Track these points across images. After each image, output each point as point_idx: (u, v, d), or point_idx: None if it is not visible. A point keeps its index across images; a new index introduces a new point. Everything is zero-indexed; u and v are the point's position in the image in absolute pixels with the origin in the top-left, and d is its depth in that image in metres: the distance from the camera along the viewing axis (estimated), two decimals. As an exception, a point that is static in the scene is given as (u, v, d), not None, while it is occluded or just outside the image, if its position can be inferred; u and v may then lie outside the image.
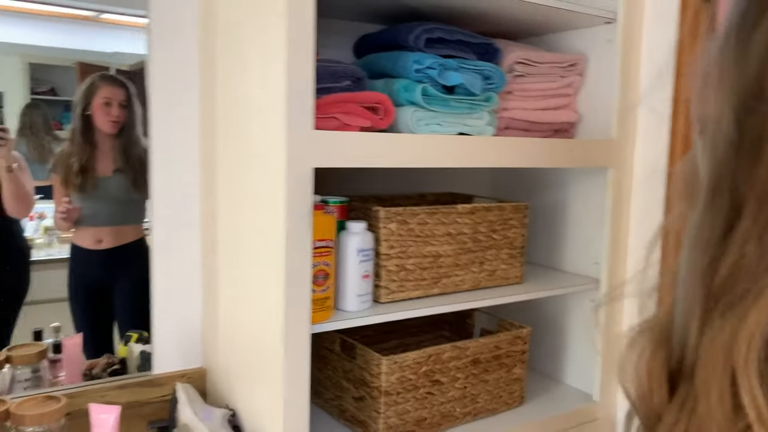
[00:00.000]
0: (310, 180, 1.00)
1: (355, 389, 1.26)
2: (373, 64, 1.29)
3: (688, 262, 0.37)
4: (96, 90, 1.34)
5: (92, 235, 1.39)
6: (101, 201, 1.39)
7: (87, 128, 1.34)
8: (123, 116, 1.36)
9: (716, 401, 0.33)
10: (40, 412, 1.04)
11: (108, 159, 1.37)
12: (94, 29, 1.31)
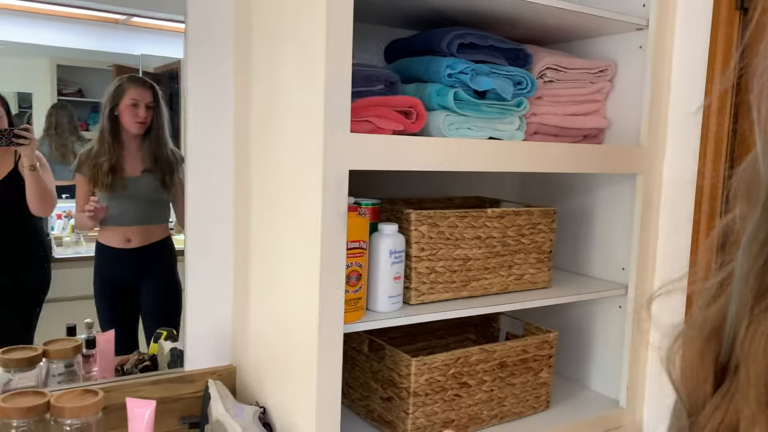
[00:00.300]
0: (346, 182, 1.02)
1: (383, 390, 1.27)
2: (405, 68, 1.31)
3: (744, 262, 0.38)
4: (124, 91, 1.37)
5: (121, 234, 1.41)
6: (129, 201, 1.41)
7: (115, 129, 1.37)
8: (150, 117, 1.39)
9: (753, 388, 0.35)
10: (80, 405, 1.07)
11: (136, 159, 1.39)
12: (123, 32, 1.34)
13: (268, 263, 1.24)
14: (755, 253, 0.37)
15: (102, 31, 1.32)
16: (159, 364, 1.43)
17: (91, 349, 1.40)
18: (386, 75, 1.18)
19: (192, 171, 1.35)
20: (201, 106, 1.34)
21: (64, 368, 1.37)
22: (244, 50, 1.31)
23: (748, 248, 0.38)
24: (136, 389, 1.29)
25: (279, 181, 1.17)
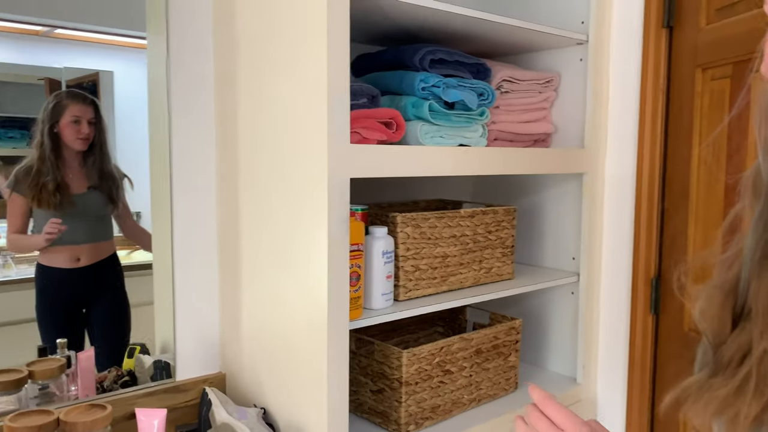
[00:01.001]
0: (347, 189, 1.10)
1: (373, 383, 1.36)
2: (377, 81, 1.40)
3: (752, 238, 0.52)
4: (64, 108, 1.34)
5: (69, 253, 1.38)
6: (77, 219, 1.38)
7: (56, 146, 1.34)
8: (92, 133, 1.37)
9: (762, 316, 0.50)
10: (92, 419, 1.08)
11: (80, 176, 1.37)
12: (45, 45, 1.30)
13: (263, 272, 1.29)
14: (761, 231, 0.52)
15: (23, 44, 1.28)
16: (139, 378, 1.43)
17: (68, 368, 1.39)
18: (368, 89, 1.27)
19: (177, 187, 1.38)
20: (184, 124, 1.38)
21: (38, 390, 1.35)
22: (228, 70, 1.36)
23: (756, 229, 0.52)
24: (132, 402, 1.30)
25: (273, 193, 1.23)
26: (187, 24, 1.37)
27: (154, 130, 1.39)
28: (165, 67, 1.36)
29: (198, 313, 1.42)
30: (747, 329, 0.51)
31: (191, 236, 1.40)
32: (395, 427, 1.31)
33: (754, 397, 0.48)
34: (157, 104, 1.39)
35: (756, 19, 1.26)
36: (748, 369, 0.50)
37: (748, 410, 0.48)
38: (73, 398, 1.36)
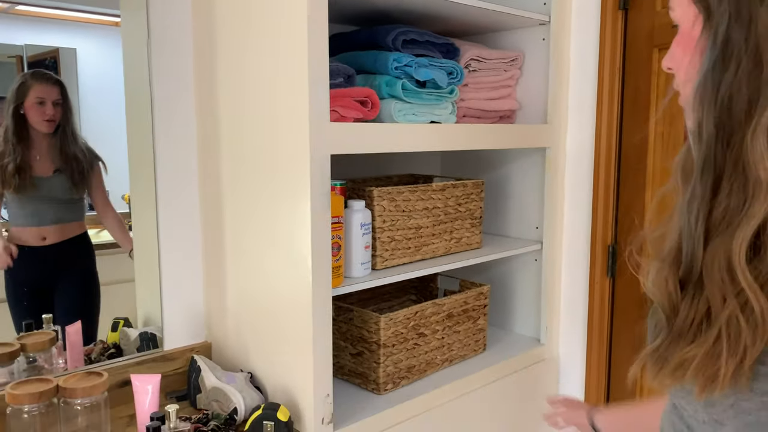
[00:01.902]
0: (328, 165, 1.18)
1: (353, 347, 1.45)
2: (351, 61, 1.46)
3: (689, 213, 0.61)
4: (28, 88, 1.31)
5: (35, 234, 1.38)
6: (43, 201, 1.37)
7: (21, 128, 1.32)
8: (58, 115, 1.35)
9: (720, 283, 0.57)
10: (91, 385, 1.14)
11: (46, 159, 1.35)
12: (5, 21, 1.28)
13: (247, 244, 1.36)
14: (696, 209, 0.60)
15: None
16: (125, 350, 1.49)
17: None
18: (345, 69, 1.33)
19: (161, 163, 1.42)
20: (166, 101, 1.42)
21: (27, 364, 1.40)
22: (208, 50, 1.40)
23: (690, 207, 0.61)
24: (123, 371, 1.36)
25: (257, 168, 1.30)
26: (167, 2, 1.40)
27: (132, 107, 1.40)
28: (145, 46, 1.39)
29: (183, 284, 1.48)
30: (700, 296, 0.58)
31: (175, 210, 1.45)
32: (374, 387, 1.41)
33: (729, 356, 0.54)
34: (135, 82, 1.40)
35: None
36: (717, 332, 0.55)
37: (726, 369, 0.54)
38: (62, 370, 1.41)
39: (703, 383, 0.56)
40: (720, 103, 0.56)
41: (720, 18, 0.57)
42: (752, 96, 0.55)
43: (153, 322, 1.49)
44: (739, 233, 0.55)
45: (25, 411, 1.12)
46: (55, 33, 1.34)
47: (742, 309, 0.54)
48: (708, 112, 0.58)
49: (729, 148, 0.56)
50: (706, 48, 0.59)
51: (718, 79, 0.57)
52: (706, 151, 0.58)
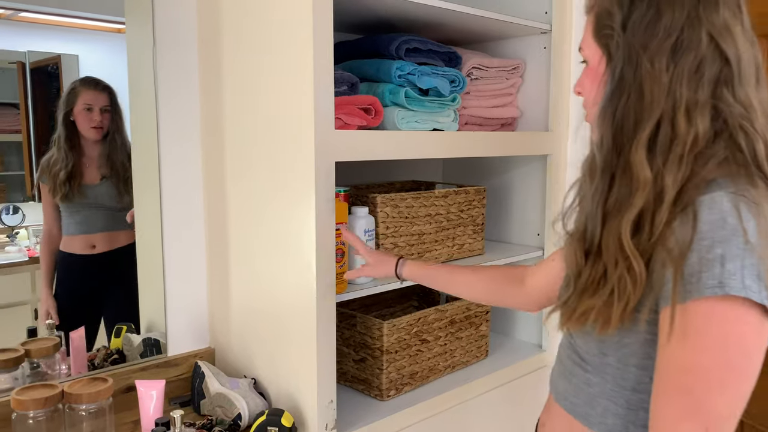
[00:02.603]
0: (333, 172, 1.18)
1: (356, 353, 1.45)
2: (355, 69, 1.47)
3: (592, 202, 0.77)
4: (77, 95, 1.33)
5: (84, 241, 1.40)
6: (91, 209, 1.38)
7: (71, 135, 1.33)
8: (106, 121, 1.37)
9: (613, 252, 0.73)
10: (96, 391, 1.15)
11: (94, 166, 1.36)
12: (7, 27, 1.28)
13: (251, 250, 1.36)
14: (598, 199, 0.76)
15: None
16: (128, 356, 1.50)
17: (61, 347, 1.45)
18: (349, 77, 1.35)
19: (165, 171, 1.43)
20: (171, 108, 1.43)
21: (30, 370, 1.40)
22: (213, 58, 1.41)
23: (594, 197, 0.77)
24: (127, 376, 1.37)
25: (260, 177, 1.31)
26: (172, 10, 1.42)
27: (136, 114, 1.41)
28: (151, 53, 1.41)
29: (187, 291, 1.49)
30: (599, 262, 0.75)
31: (180, 216, 1.46)
32: (377, 393, 1.41)
33: (618, 304, 0.72)
34: (140, 89, 1.41)
35: None
36: (611, 287, 0.73)
37: (616, 313, 0.72)
38: (65, 376, 1.41)
39: (601, 325, 0.75)
40: (616, 123, 0.75)
41: (617, 60, 0.76)
42: (637, 119, 0.73)
43: (156, 328, 1.49)
44: (626, 216, 0.72)
45: (30, 417, 1.12)
46: (57, 39, 1.34)
47: (627, 270, 0.71)
48: (607, 129, 0.76)
49: (620, 156, 0.74)
50: (607, 81, 0.77)
51: (615, 105, 0.75)
52: (605, 157, 0.76)
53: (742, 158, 0.71)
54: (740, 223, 0.65)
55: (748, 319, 0.64)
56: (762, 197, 0.68)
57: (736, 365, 0.65)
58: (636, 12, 0.74)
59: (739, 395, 0.66)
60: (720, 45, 0.72)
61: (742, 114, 0.71)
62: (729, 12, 0.73)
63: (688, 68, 0.72)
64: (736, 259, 0.64)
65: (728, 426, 0.66)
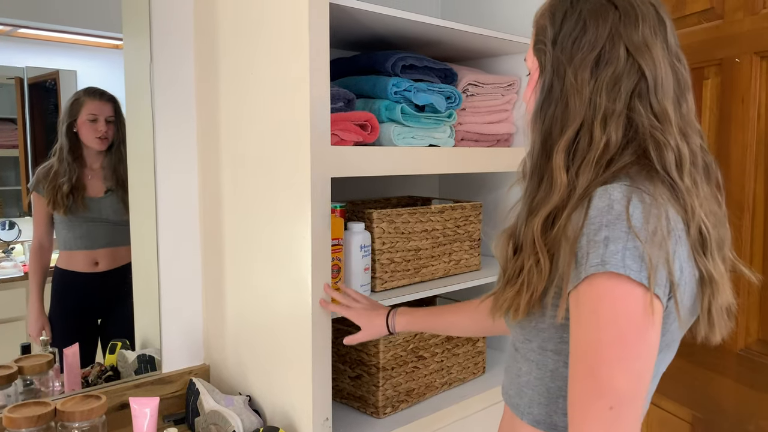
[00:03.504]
0: (329, 188, 1.19)
1: (352, 369, 1.44)
2: (351, 85, 1.48)
3: (522, 202, 0.85)
4: (81, 106, 1.31)
5: (86, 257, 1.36)
6: (95, 223, 1.35)
7: (75, 146, 1.31)
8: (111, 132, 1.34)
9: (528, 247, 0.80)
10: (89, 408, 1.14)
11: (98, 178, 1.33)
12: (7, 44, 1.28)
13: (247, 267, 1.36)
14: (526, 199, 0.84)
15: None
16: (122, 373, 1.48)
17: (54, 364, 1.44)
18: (345, 94, 1.35)
19: (161, 186, 1.43)
20: (167, 124, 1.43)
21: (23, 387, 1.39)
22: (210, 74, 1.42)
23: (524, 197, 0.85)
24: (121, 393, 1.36)
25: (256, 193, 1.31)
26: (169, 27, 1.42)
27: (133, 130, 1.41)
28: (148, 69, 1.41)
29: (182, 307, 1.48)
30: (519, 257, 0.82)
31: (176, 234, 1.46)
32: (373, 410, 1.40)
33: (526, 294, 0.79)
34: (137, 105, 1.41)
35: (707, 32, 1.39)
36: (522, 279, 0.80)
37: (523, 302, 0.79)
38: (59, 393, 1.40)
39: (513, 313, 0.82)
40: (544, 131, 0.81)
41: (547, 73, 0.82)
42: (561, 127, 0.79)
43: (151, 344, 1.48)
44: (540, 214, 0.79)
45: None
46: (55, 55, 1.35)
47: (536, 263, 0.78)
48: (537, 135, 0.83)
49: (547, 161, 0.80)
50: (539, 92, 0.83)
51: (544, 114, 0.82)
52: (535, 162, 0.82)
53: (648, 164, 0.76)
54: (626, 209, 0.70)
55: (634, 296, 0.68)
56: (660, 194, 0.73)
57: (629, 340, 0.68)
58: (565, 28, 0.81)
59: (638, 372, 0.69)
60: (637, 60, 0.78)
61: (653, 124, 0.77)
62: (649, 29, 0.79)
63: (607, 81, 0.78)
64: (619, 241, 0.69)
65: (632, 406, 0.69)
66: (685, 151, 0.76)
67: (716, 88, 1.39)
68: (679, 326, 0.77)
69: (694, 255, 0.75)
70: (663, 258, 0.69)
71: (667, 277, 0.70)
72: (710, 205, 0.79)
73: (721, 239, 0.80)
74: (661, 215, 0.71)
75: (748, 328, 1.35)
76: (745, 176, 1.32)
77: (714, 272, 0.76)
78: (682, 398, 1.50)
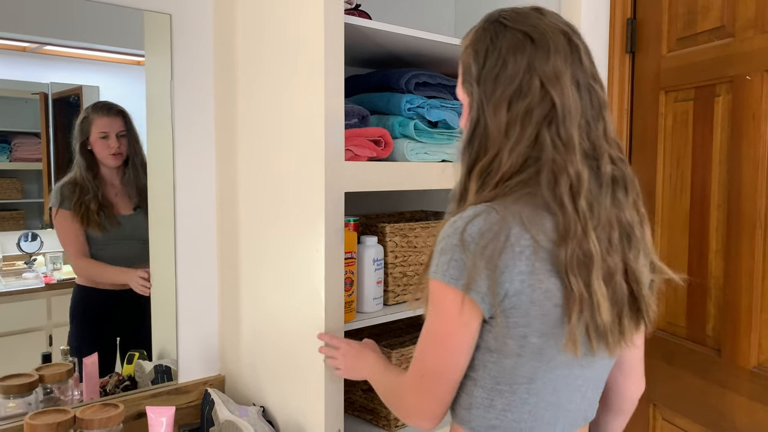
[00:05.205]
0: (342, 202, 1.21)
1: (364, 382, 1.46)
2: (366, 102, 1.51)
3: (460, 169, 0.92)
4: (91, 123, 1.32)
5: None
6: (127, 241, 1.35)
7: (91, 164, 1.31)
8: (124, 147, 1.34)
9: None
10: (107, 416, 1.17)
11: (124, 195, 1.33)
12: (32, 60, 1.31)
13: (262, 280, 1.39)
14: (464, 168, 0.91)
15: (9, 60, 1.29)
16: (139, 382, 1.51)
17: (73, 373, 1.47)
18: (359, 110, 1.38)
19: (180, 200, 1.47)
20: (186, 140, 1.47)
21: (43, 395, 1.42)
22: (228, 91, 1.46)
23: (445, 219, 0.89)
24: (138, 403, 1.38)
25: (274, 205, 1.34)
26: (190, 45, 1.47)
27: (154, 145, 1.45)
28: (168, 86, 1.45)
29: (199, 319, 1.51)
30: None
31: (193, 247, 1.49)
32: (385, 423, 1.42)
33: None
34: (157, 121, 1.45)
35: (717, 50, 1.41)
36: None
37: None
38: (77, 402, 1.43)
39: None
40: (470, 161, 0.88)
41: (473, 109, 0.89)
42: (483, 156, 0.86)
43: (168, 355, 1.51)
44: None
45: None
46: (79, 71, 1.38)
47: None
48: (464, 164, 0.89)
49: (467, 186, 0.88)
50: (467, 124, 0.90)
51: (471, 146, 0.88)
52: (461, 187, 0.90)
53: (536, 185, 0.82)
54: (465, 225, 0.80)
55: (451, 299, 0.81)
56: (515, 214, 0.80)
57: (441, 332, 0.84)
58: (487, 65, 0.87)
59: (445, 359, 0.85)
60: (549, 91, 0.83)
61: (558, 151, 0.82)
62: (561, 59, 0.84)
63: (522, 113, 0.84)
64: (449, 252, 0.81)
65: (438, 381, 0.86)
66: (584, 177, 0.81)
67: (727, 105, 1.39)
68: (530, 334, 0.81)
69: (561, 273, 0.79)
70: (488, 269, 0.78)
71: (488, 285, 0.79)
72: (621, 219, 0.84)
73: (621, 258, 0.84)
74: (500, 233, 0.78)
75: (761, 345, 1.34)
76: (756, 193, 1.33)
77: (585, 291, 0.79)
78: (695, 415, 1.49)
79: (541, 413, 0.86)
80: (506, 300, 0.79)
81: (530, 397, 0.85)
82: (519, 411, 0.86)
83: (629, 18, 1.63)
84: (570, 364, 0.85)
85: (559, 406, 0.87)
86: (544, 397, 0.86)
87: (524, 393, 0.85)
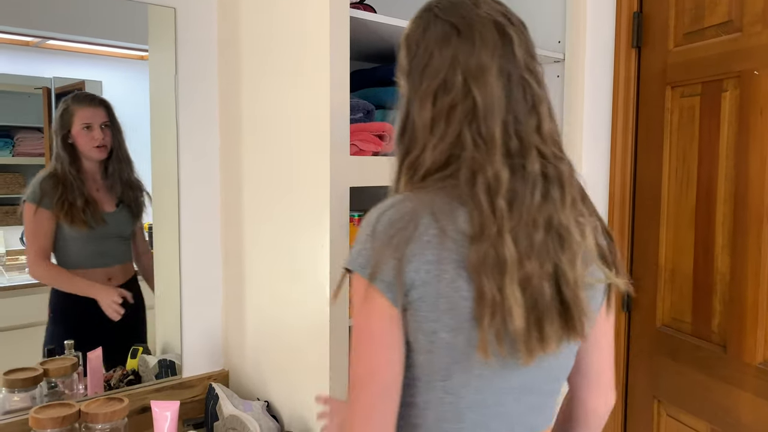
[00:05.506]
0: (347, 198, 1.21)
1: (368, 377, 1.46)
2: (371, 97, 1.50)
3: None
4: (72, 114, 1.25)
5: (102, 275, 1.32)
6: (111, 239, 1.31)
7: (74, 158, 1.24)
8: (108, 138, 1.27)
9: None
10: (112, 410, 1.17)
11: (107, 190, 1.29)
12: (35, 55, 1.29)
13: (266, 275, 1.38)
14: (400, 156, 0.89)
15: (13, 54, 1.28)
16: (143, 377, 1.51)
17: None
18: (364, 105, 1.38)
19: (184, 195, 1.46)
20: (191, 135, 1.47)
21: (48, 389, 1.42)
22: (232, 86, 1.45)
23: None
24: (142, 397, 1.38)
25: (278, 201, 1.33)
26: (194, 40, 1.46)
27: (157, 139, 1.45)
28: (173, 82, 1.45)
29: (203, 314, 1.51)
30: None
31: (197, 242, 1.49)
32: (389, 418, 1.41)
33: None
34: (161, 116, 1.45)
35: (725, 45, 1.40)
36: None
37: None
38: (82, 396, 1.43)
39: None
40: (402, 150, 0.87)
41: (402, 103, 0.87)
42: (409, 150, 0.85)
43: (172, 350, 1.51)
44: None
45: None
46: (82, 66, 1.36)
47: None
48: (397, 153, 0.88)
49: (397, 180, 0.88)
50: (398, 119, 0.89)
51: (401, 140, 0.87)
52: (396, 175, 0.88)
53: (453, 180, 0.80)
54: (377, 217, 0.79)
55: (360, 287, 0.78)
56: (426, 206, 0.78)
57: (361, 324, 0.79)
58: (415, 60, 0.85)
59: (368, 353, 0.78)
60: (471, 86, 0.80)
61: (478, 148, 0.80)
62: (487, 53, 0.81)
63: (446, 108, 0.82)
64: (360, 243, 0.79)
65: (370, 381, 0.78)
66: (502, 176, 0.78)
67: (735, 100, 1.39)
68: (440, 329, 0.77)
69: (472, 271, 0.75)
70: (395, 258, 0.76)
71: (394, 275, 0.76)
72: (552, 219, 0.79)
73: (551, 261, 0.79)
74: (410, 222, 0.77)
75: (768, 342, 1.34)
76: (763, 188, 1.32)
77: (498, 295, 0.75)
78: (701, 412, 1.49)
79: (465, 413, 0.81)
80: (413, 291, 0.76)
81: (447, 396, 0.80)
82: (439, 410, 0.81)
83: (635, 12, 1.62)
84: (491, 365, 0.79)
85: (486, 408, 0.82)
86: (464, 397, 0.80)
87: (440, 391, 0.80)
